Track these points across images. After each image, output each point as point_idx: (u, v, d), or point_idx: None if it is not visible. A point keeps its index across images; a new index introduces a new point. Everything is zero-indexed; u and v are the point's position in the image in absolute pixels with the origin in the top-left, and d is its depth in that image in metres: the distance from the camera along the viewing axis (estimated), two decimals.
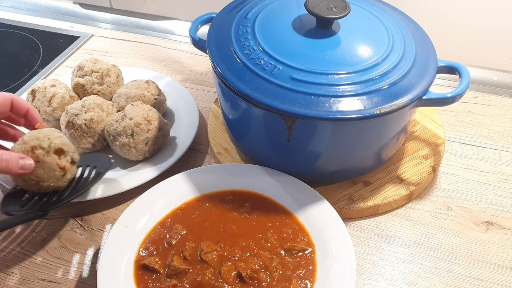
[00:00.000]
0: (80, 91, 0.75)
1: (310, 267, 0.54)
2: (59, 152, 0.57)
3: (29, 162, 0.55)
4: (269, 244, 0.56)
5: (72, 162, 0.59)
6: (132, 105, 0.69)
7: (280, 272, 0.54)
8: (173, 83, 0.82)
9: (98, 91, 0.75)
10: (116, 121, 0.67)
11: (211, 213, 0.60)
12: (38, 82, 0.74)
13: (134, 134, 0.66)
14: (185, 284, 0.53)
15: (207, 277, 0.53)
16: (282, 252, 0.56)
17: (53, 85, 0.73)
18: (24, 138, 0.57)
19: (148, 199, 0.61)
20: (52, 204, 0.58)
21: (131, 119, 0.66)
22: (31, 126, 0.62)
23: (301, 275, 0.53)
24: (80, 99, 0.74)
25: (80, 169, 0.62)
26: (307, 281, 0.53)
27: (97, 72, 0.75)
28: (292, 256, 0.55)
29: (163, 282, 0.53)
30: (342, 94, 0.55)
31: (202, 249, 0.55)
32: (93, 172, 0.62)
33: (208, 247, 0.55)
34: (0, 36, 0.99)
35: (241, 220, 0.59)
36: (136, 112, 0.67)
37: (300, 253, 0.56)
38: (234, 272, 0.53)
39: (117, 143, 0.67)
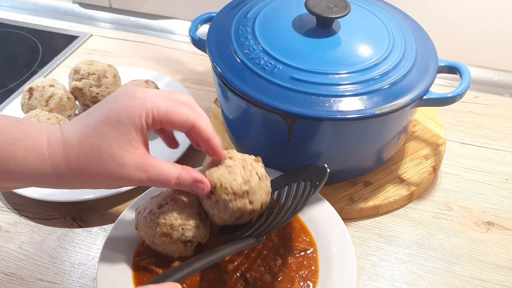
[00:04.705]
0: (79, 94, 0.74)
1: (313, 267, 0.54)
2: (187, 241, 0.53)
3: (202, 186, 0.49)
4: (271, 244, 0.56)
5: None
6: None
7: (283, 273, 0.53)
8: (173, 83, 0.82)
9: (97, 93, 0.74)
10: None
11: None
12: (36, 80, 0.73)
13: None
14: (184, 285, 0.52)
15: (208, 279, 0.52)
16: (285, 252, 0.55)
17: (52, 85, 0.72)
18: (165, 212, 0.51)
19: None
20: (268, 229, 0.51)
21: None
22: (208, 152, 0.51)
23: (304, 275, 0.53)
24: (79, 101, 0.75)
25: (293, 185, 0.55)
26: (309, 282, 0.52)
27: (94, 74, 0.74)
28: (294, 257, 0.55)
29: None
30: (343, 94, 0.55)
31: None
32: (308, 186, 0.53)
33: None
34: None
35: None
36: None
37: (302, 253, 0.55)
38: (239, 276, 0.53)
39: None
